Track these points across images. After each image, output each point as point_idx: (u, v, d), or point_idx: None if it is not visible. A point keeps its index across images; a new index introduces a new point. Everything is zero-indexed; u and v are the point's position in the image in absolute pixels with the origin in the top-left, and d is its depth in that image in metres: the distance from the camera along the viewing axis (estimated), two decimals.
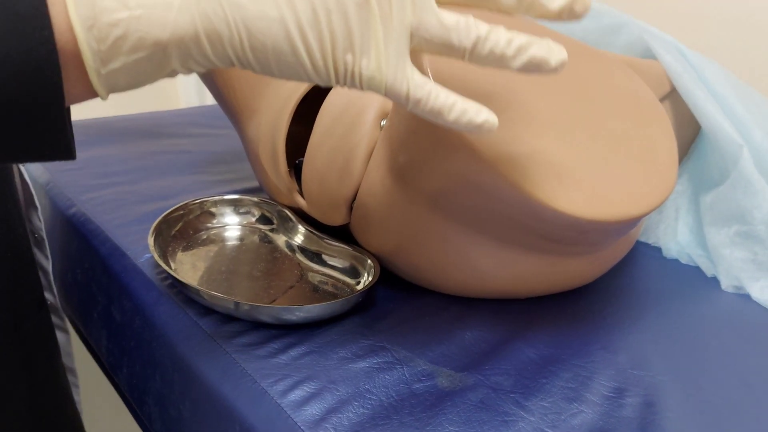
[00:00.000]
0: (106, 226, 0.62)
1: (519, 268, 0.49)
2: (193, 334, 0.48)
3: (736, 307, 0.56)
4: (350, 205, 0.53)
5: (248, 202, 0.63)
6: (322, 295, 0.53)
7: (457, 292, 0.53)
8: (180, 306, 0.51)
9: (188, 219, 0.60)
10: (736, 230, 0.59)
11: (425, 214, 0.48)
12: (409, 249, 0.51)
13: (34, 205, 0.51)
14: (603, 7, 0.70)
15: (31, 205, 0.51)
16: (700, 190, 0.65)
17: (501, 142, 0.41)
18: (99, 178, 0.72)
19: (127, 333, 0.55)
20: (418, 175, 0.46)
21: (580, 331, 0.50)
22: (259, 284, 0.53)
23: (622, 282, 0.59)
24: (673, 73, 0.63)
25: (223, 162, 0.80)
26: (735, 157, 0.59)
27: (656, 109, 0.51)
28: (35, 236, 0.51)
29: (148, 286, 0.54)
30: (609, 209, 0.42)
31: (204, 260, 0.56)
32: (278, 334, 0.47)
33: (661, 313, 0.54)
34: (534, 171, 0.41)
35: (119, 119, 0.94)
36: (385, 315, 0.51)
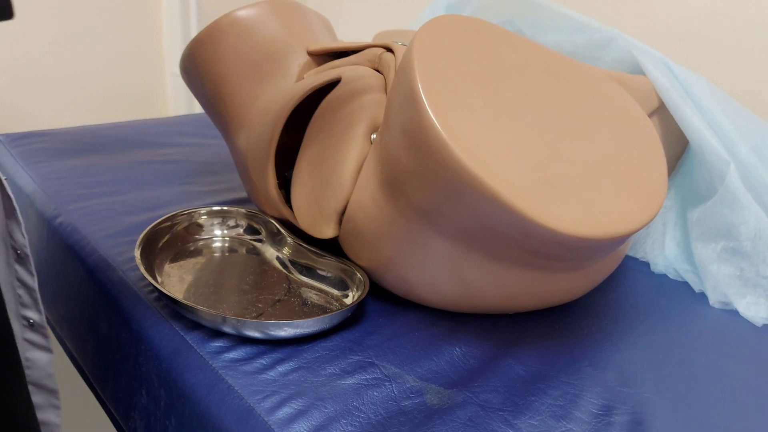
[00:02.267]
0: (92, 237, 0.61)
1: (508, 283, 0.49)
2: (179, 348, 0.48)
3: (723, 323, 0.56)
4: (340, 218, 0.53)
5: (237, 213, 0.62)
6: (311, 308, 0.53)
7: (446, 306, 0.53)
8: (167, 320, 0.50)
9: (176, 231, 0.59)
10: (723, 246, 0.59)
11: (415, 228, 0.48)
12: (399, 263, 0.51)
13: (16, 220, 0.49)
14: (592, 22, 0.71)
15: (12, 220, 0.49)
16: (688, 205, 0.65)
17: (490, 159, 0.41)
18: (86, 188, 0.72)
19: (113, 346, 0.55)
20: (407, 190, 0.46)
21: (569, 348, 0.50)
22: (246, 298, 0.53)
23: (611, 297, 0.59)
24: (661, 88, 0.64)
25: (211, 172, 0.80)
26: (722, 173, 0.59)
27: (645, 125, 0.51)
28: (18, 253, 0.50)
29: (134, 299, 0.53)
30: (598, 226, 0.42)
31: (191, 273, 0.56)
32: (266, 350, 0.47)
33: (649, 329, 0.54)
34: (523, 187, 0.41)
35: (107, 127, 0.93)
36: (375, 330, 0.50)
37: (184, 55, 0.63)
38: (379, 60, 0.58)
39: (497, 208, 0.41)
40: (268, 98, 0.60)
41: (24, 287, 0.50)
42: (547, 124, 0.46)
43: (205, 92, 0.63)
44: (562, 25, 0.73)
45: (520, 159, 0.43)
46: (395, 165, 0.46)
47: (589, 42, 0.70)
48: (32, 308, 0.51)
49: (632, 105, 0.52)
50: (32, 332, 0.52)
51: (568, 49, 0.72)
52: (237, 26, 0.59)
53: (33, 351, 0.52)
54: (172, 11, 1.34)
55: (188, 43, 0.62)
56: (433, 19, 0.47)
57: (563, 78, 0.50)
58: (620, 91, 0.53)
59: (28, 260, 0.50)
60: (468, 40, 0.47)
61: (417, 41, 0.44)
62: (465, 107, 0.43)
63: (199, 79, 0.63)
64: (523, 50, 0.49)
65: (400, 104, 0.45)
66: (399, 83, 0.45)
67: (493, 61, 0.47)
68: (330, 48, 0.61)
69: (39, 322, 0.52)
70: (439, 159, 0.42)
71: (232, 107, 0.61)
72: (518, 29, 0.76)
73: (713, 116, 0.63)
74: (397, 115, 0.45)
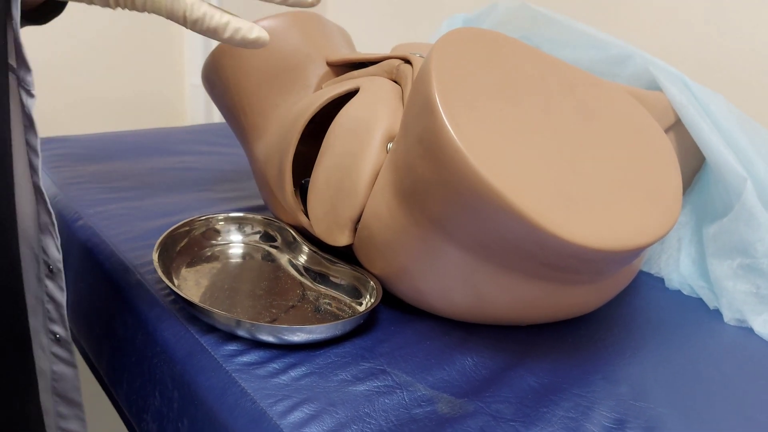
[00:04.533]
0: (111, 240, 0.62)
1: (522, 294, 0.50)
2: (194, 351, 0.48)
3: (738, 341, 0.56)
4: (355, 226, 0.54)
5: (253, 220, 0.63)
6: (324, 315, 0.53)
7: (459, 317, 0.53)
8: (182, 323, 0.51)
9: (193, 236, 0.60)
10: (739, 263, 0.59)
11: (429, 237, 0.48)
12: (412, 272, 0.51)
13: (52, 235, 0.49)
14: (610, 38, 0.71)
15: (48, 235, 0.49)
16: (704, 222, 0.65)
17: (506, 170, 0.41)
18: (106, 193, 0.73)
19: (129, 349, 0.55)
20: (423, 199, 0.46)
21: (582, 360, 0.50)
22: (261, 303, 0.54)
23: (624, 311, 0.59)
24: (678, 104, 0.64)
25: (229, 180, 0.81)
26: (738, 190, 0.59)
27: (661, 140, 0.51)
28: (50, 268, 0.50)
29: (151, 302, 0.54)
30: (613, 239, 0.42)
31: (207, 277, 0.57)
32: (279, 354, 0.47)
33: (663, 344, 0.54)
34: (539, 199, 0.42)
35: (127, 134, 0.95)
36: (387, 338, 0.51)
37: (207, 64, 0.64)
38: (397, 71, 0.58)
39: (513, 218, 0.41)
40: (287, 108, 0.61)
41: (53, 302, 0.51)
42: (563, 138, 0.46)
43: (225, 101, 0.64)
44: (579, 41, 0.73)
45: (536, 171, 0.43)
46: (411, 174, 0.47)
47: (606, 58, 0.70)
48: (59, 323, 0.52)
49: (649, 120, 0.53)
50: (58, 347, 0.52)
51: (585, 64, 0.72)
52: None
53: (59, 365, 0.53)
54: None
55: (211, 52, 0.63)
56: (451, 31, 0.47)
57: (581, 92, 0.50)
58: (637, 106, 0.53)
59: (60, 276, 0.50)
60: (486, 52, 0.47)
61: (435, 52, 0.45)
62: (482, 118, 0.43)
63: (221, 87, 0.64)
64: (540, 64, 0.50)
65: (417, 114, 0.45)
66: (416, 93, 0.46)
67: (511, 73, 0.48)
68: (349, 59, 0.62)
69: (65, 338, 0.52)
70: (455, 169, 0.42)
71: (251, 116, 0.62)
72: (536, 44, 0.77)
73: (730, 133, 0.63)
74: (414, 125, 0.46)
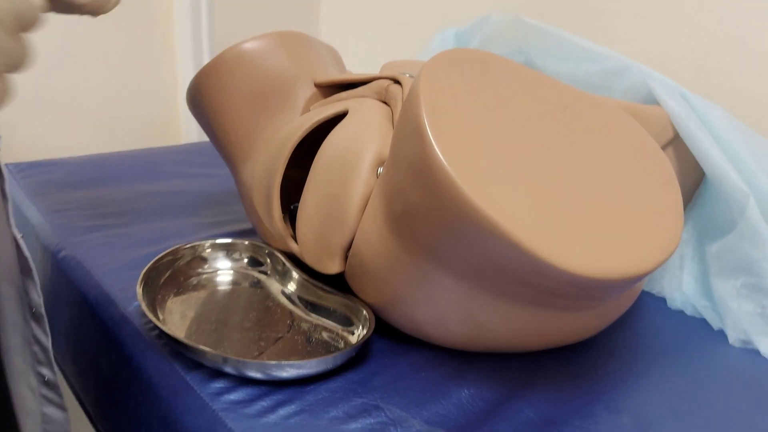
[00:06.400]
0: (95, 271, 0.60)
1: (519, 321, 0.48)
2: (179, 389, 0.46)
3: (744, 364, 0.54)
4: (345, 253, 0.52)
5: (241, 246, 0.61)
6: (315, 346, 0.51)
7: (455, 345, 0.51)
8: (168, 359, 0.49)
9: (179, 265, 0.58)
10: (743, 282, 0.57)
11: (422, 265, 0.46)
12: (406, 300, 0.49)
13: (32, 279, 0.48)
14: (605, 51, 0.70)
15: (29, 278, 0.48)
16: (706, 239, 0.63)
17: (499, 196, 0.40)
18: (91, 220, 0.71)
19: (114, 385, 0.53)
20: (415, 226, 0.45)
21: (582, 390, 0.48)
22: (249, 335, 0.52)
23: (626, 335, 0.57)
24: (677, 118, 0.62)
25: (218, 203, 0.79)
26: (741, 206, 0.57)
27: (659, 159, 0.50)
28: (32, 311, 0.49)
29: (135, 337, 0.52)
30: (613, 266, 0.41)
31: (194, 308, 0.55)
32: (268, 391, 0.45)
33: (667, 370, 0.52)
34: (534, 225, 0.40)
35: (114, 156, 0.93)
36: (380, 370, 0.49)
37: (191, 87, 0.62)
38: (386, 92, 0.57)
39: (507, 246, 0.39)
40: (274, 131, 0.59)
41: (39, 345, 0.50)
42: (558, 160, 0.44)
43: (210, 124, 0.63)
44: (574, 54, 0.72)
45: (531, 196, 0.41)
46: (401, 200, 0.45)
47: (601, 71, 0.69)
48: (47, 365, 0.50)
49: (646, 139, 0.51)
50: (47, 389, 0.51)
51: (580, 77, 0.70)
52: (243, 58, 0.59)
53: (49, 407, 0.51)
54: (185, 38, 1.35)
55: (195, 74, 0.62)
56: (440, 52, 0.46)
57: (575, 112, 0.49)
58: (634, 124, 0.52)
59: (43, 320, 0.49)
60: (476, 73, 0.46)
61: (424, 75, 0.43)
62: (473, 142, 0.42)
63: (205, 110, 0.62)
64: (533, 83, 0.48)
65: (406, 139, 0.43)
66: (405, 117, 0.44)
67: (502, 95, 0.46)
68: (337, 80, 0.60)
69: (53, 381, 0.51)
70: (445, 196, 0.40)
71: (237, 139, 0.61)
72: (529, 57, 0.75)
73: (731, 147, 0.61)
74: (403, 150, 0.44)
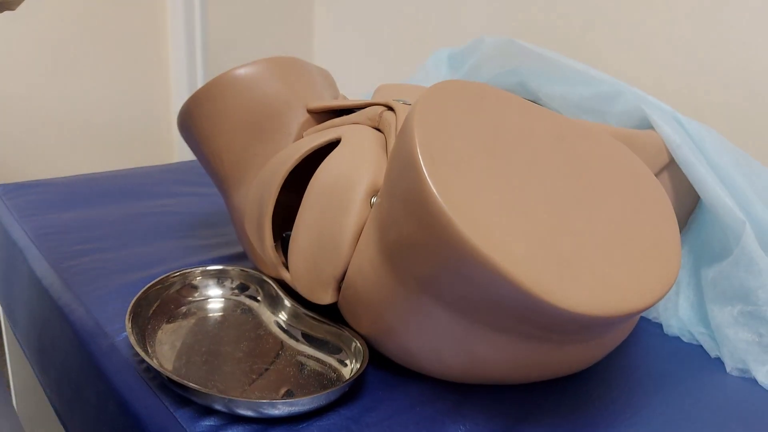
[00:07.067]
0: (83, 299, 0.59)
1: (515, 355, 0.47)
2: (167, 427, 0.45)
3: (742, 394, 0.53)
4: (339, 284, 0.51)
5: (233, 273, 0.60)
6: (307, 377, 0.50)
7: (450, 378, 0.50)
8: (156, 394, 0.48)
9: (169, 293, 0.57)
10: (740, 310, 0.57)
11: (416, 298, 0.45)
12: (400, 332, 0.48)
13: None
14: (600, 75, 0.69)
15: None
16: (702, 264, 0.63)
17: (494, 231, 0.39)
18: (80, 243, 0.70)
19: (101, 418, 0.52)
20: (409, 258, 0.44)
21: (581, 424, 0.47)
22: (240, 368, 0.51)
23: (623, 364, 0.56)
24: (672, 144, 0.62)
25: (209, 225, 0.78)
26: (737, 233, 0.57)
27: (655, 190, 0.49)
28: None
29: (124, 369, 0.51)
30: (611, 304, 0.40)
31: (184, 338, 0.54)
32: (259, 429, 0.44)
33: (665, 402, 0.51)
34: (530, 262, 0.39)
35: (105, 176, 0.92)
36: (374, 405, 0.48)
37: (182, 113, 0.61)
38: (380, 119, 0.56)
39: (502, 284, 0.39)
40: (267, 157, 0.58)
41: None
42: (554, 193, 0.44)
43: (202, 150, 0.62)
44: (569, 77, 0.71)
45: (527, 231, 0.41)
46: (395, 233, 0.44)
47: (595, 95, 0.68)
48: None
49: (642, 169, 0.50)
50: None
51: (574, 100, 0.70)
52: (235, 85, 0.58)
53: None
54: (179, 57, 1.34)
55: (187, 99, 0.61)
56: (434, 85, 0.45)
57: (570, 143, 0.48)
58: (629, 154, 0.51)
59: None
60: (471, 106, 0.45)
61: (418, 108, 0.43)
62: (467, 177, 0.41)
63: (197, 136, 0.61)
64: (527, 115, 0.48)
65: (400, 172, 0.43)
66: (399, 150, 0.43)
67: (497, 127, 0.45)
68: (330, 106, 0.60)
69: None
70: (439, 231, 0.39)
71: (229, 166, 0.60)
72: (523, 80, 0.75)
73: (727, 173, 0.61)
74: (397, 183, 0.43)
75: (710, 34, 0.82)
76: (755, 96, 0.79)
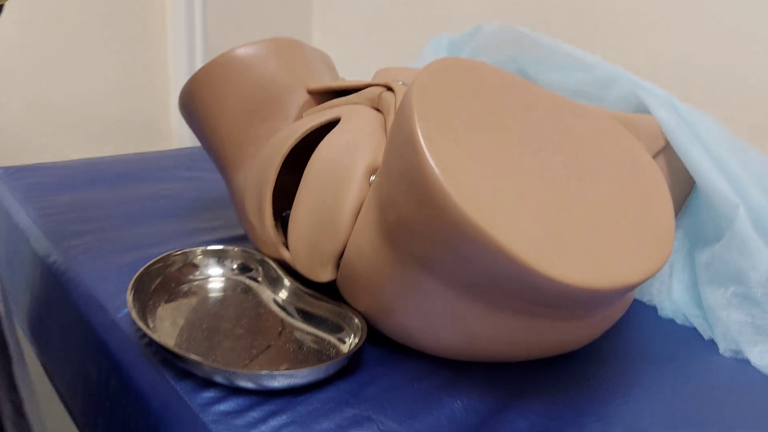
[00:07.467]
0: (85, 276, 0.60)
1: (511, 332, 0.48)
2: (169, 399, 0.46)
3: (735, 374, 0.54)
4: (337, 262, 0.52)
5: (233, 253, 0.61)
6: (306, 354, 0.51)
7: (447, 354, 0.51)
8: (157, 368, 0.48)
9: (170, 271, 0.58)
10: (733, 291, 0.58)
11: (414, 275, 0.46)
12: (398, 310, 0.49)
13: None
14: (596, 61, 0.70)
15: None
16: (696, 247, 0.64)
17: (492, 208, 0.40)
18: (82, 224, 0.70)
19: (103, 393, 0.53)
20: (407, 236, 0.45)
21: (575, 401, 0.48)
22: (240, 343, 0.51)
23: (617, 344, 0.57)
24: (668, 128, 0.62)
25: (209, 208, 0.79)
26: (731, 216, 0.58)
27: (651, 170, 0.50)
28: None
29: (125, 344, 0.51)
30: (605, 277, 0.41)
31: (185, 316, 0.54)
32: (259, 401, 0.45)
33: (657, 381, 0.52)
34: (526, 237, 0.40)
35: (105, 161, 0.93)
36: (372, 380, 0.48)
37: (183, 93, 0.62)
38: (379, 99, 0.57)
39: (499, 258, 0.39)
40: (267, 137, 0.59)
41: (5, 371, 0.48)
42: (550, 171, 0.45)
43: (203, 130, 0.62)
44: (566, 64, 0.72)
45: (523, 207, 0.41)
46: (394, 210, 0.45)
47: (592, 80, 0.69)
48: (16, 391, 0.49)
49: (638, 149, 0.51)
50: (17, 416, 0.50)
51: (571, 87, 0.71)
52: (236, 65, 0.58)
53: None
54: (178, 43, 1.34)
55: (188, 79, 0.61)
56: (433, 62, 0.46)
57: (567, 122, 0.49)
58: (625, 134, 0.52)
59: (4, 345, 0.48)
60: (469, 83, 0.46)
61: (416, 85, 0.43)
62: (465, 153, 0.42)
63: (197, 117, 0.62)
64: (525, 93, 0.48)
65: (399, 149, 0.43)
66: (398, 127, 0.44)
67: (495, 105, 0.46)
68: (330, 87, 0.60)
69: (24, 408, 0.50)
70: (438, 207, 0.40)
71: (230, 146, 0.60)
72: (521, 66, 0.75)
73: (721, 157, 0.62)
74: (396, 161, 0.44)
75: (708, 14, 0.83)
76: None
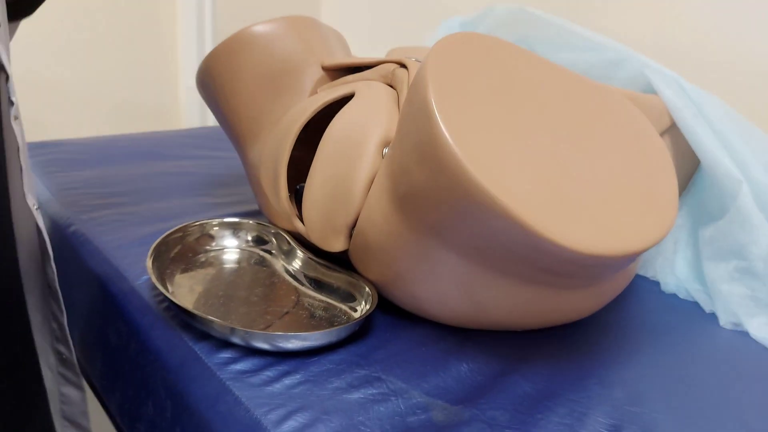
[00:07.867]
0: (104, 246, 0.62)
1: (518, 299, 0.49)
2: (187, 359, 0.48)
3: (734, 345, 0.56)
4: (350, 232, 0.53)
5: (248, 225, 0.63)
6: (319, 321, 0.53)
7: (455, 322, 0.53)
8: (176, 330, 0.50)
9: (187, 241, 0.60)
10: (734, 266, 0.59)
11: (425, 243, 0.48)
12: (408, 278, 0.51)
13: (47, 253, 0.50)
14: (606, 41, 0.71)
15: (44, 253, 0.50)
16: (699, 224, 0.65)
17: (502, 176, 0.41)
18: (100, 198, 0.72)
19: (122, 357, 0.55)
20: (419, 206, 0.46)
21: (577, 365, 0.50)
22: (255, 309, 0.53)
23: (619, 316, 0.58)
24: (673, 107, 0.64)
25: (224, 184, 0.81)
26: (734, 193, 0.59)
27: (657, 144, 0.51)
28: (50, 287, 0.50)
29: (144, 309, 0.53)
30: (610, 244, 0.42)
31: (202, 283, 0.56)
32: (273, 362, 0.47)
33: (658, 349, 0.54)
34: (535, 204, 0.41)
35: (122, 138, 0.95)
36: (382, 344, 0.50)
37: (201, 68, 0.64)
38: (393, 75, 0.58)
39: (509, 224, 0.41)
40: (282, 112, 0.60)
41: (56, 322, 0.51)
42: (560, 142, 0.46)
43: (219, 105, 0.64)
44: (576, 44, 0.73)
45: (533, 176, 0.43)
46: (407, 180, 0.47)
47: (602, 61, 0.70)
48: (63, 343, 0.51)
49: (645, 124, 0.52)
50: (65, 368, 0.52)
51: (581, 67, 0.72)
52: (254, 41, 0.60)
53: (67, 386, 0.52)
54: (188, 25, 1.36)
55: (205, 56, 0.63)
56: (448, 35, 0.47)
57: (577, 96, 0.50)
58: (633, 109, 0.53)
59: (58, 296, 0.50)
60: (482, 56, 0.47)
61: (431, 57, 0.45)
62: (478, 124, 0.43)
63: (215, 92, 0.63)
64: (537, 68, 0.50)
65: (413, 119, 0.45)
66: (412, 98, 0.46)
67: (507, 78, 0.47)
68: (344, 63, 0.62)
69: (69, 359, 0.52)
70: (451, 175, 0.42)
71: (246, 121, 0.62)
72: (532, 47, 0.77)
73: (726, 136, 0.63)
74: (410, 131, 0.45)
75: None
76: None
